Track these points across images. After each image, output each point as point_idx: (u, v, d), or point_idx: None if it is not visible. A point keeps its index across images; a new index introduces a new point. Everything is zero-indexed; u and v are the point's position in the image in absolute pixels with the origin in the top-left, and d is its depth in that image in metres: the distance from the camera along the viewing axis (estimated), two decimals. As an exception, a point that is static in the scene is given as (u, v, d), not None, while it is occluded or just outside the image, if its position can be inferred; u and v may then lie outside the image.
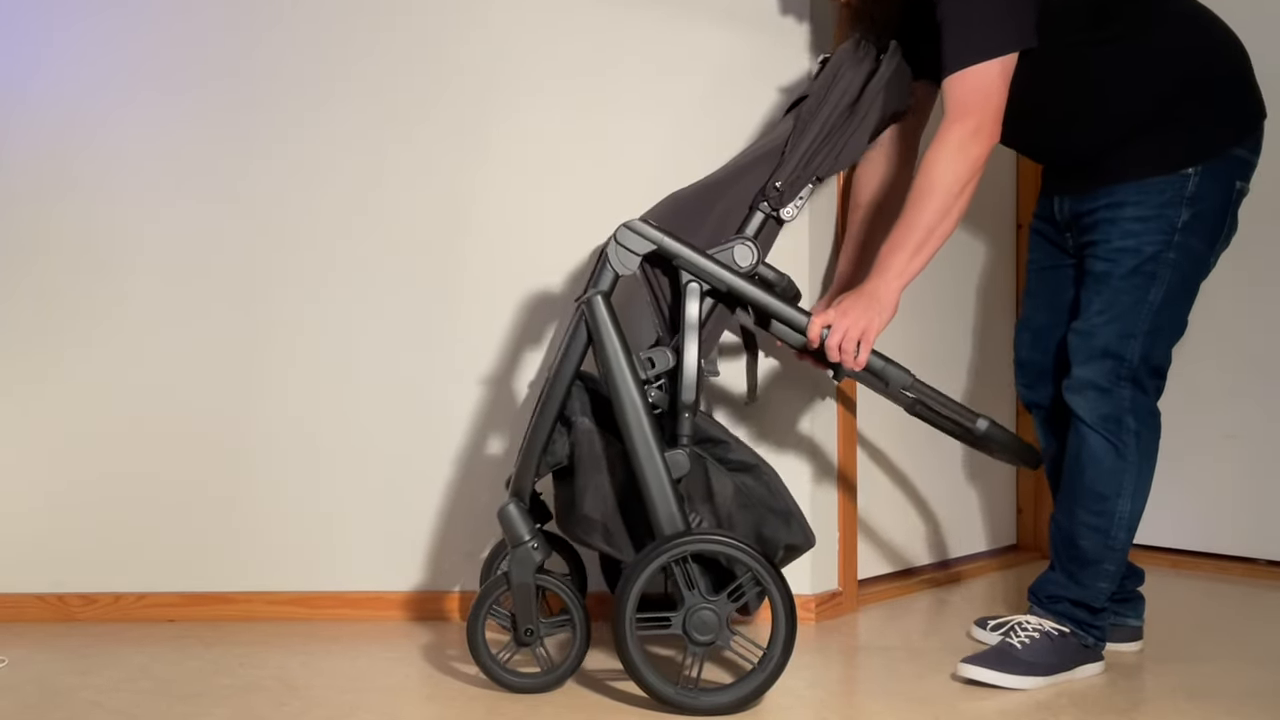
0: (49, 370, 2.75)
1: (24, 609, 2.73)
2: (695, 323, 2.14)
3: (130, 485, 2.74)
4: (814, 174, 2.19)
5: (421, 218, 2.73)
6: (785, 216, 2.21)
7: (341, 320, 2.74)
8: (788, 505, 2.26)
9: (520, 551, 2.17)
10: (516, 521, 2.18)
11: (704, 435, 2.25)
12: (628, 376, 2.11)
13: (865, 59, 2.22)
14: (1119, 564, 2.31)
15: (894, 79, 2.21)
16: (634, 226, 2.15)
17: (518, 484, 2.22)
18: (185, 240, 2.74)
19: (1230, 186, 2.25)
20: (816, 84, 2.24)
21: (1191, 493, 3.29)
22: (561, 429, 2.20)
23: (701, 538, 2.07)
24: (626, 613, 2.07)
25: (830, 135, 2.19)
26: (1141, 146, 2.23)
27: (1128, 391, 2.26)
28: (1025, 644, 2.28)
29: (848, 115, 2.19)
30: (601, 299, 2.13)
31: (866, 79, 2.20)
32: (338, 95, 2.74)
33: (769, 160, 2.22)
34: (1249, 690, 2.23)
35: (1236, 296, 3.23)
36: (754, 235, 2.20)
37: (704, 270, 2.15)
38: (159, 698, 2.21)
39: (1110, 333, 2.25)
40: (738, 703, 2.08)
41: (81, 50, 2.74)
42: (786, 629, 2.07)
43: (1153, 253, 2.22)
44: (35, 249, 2.74)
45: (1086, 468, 2.28)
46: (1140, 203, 2.23)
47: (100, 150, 2.74)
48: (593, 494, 2.16)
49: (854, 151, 2.22)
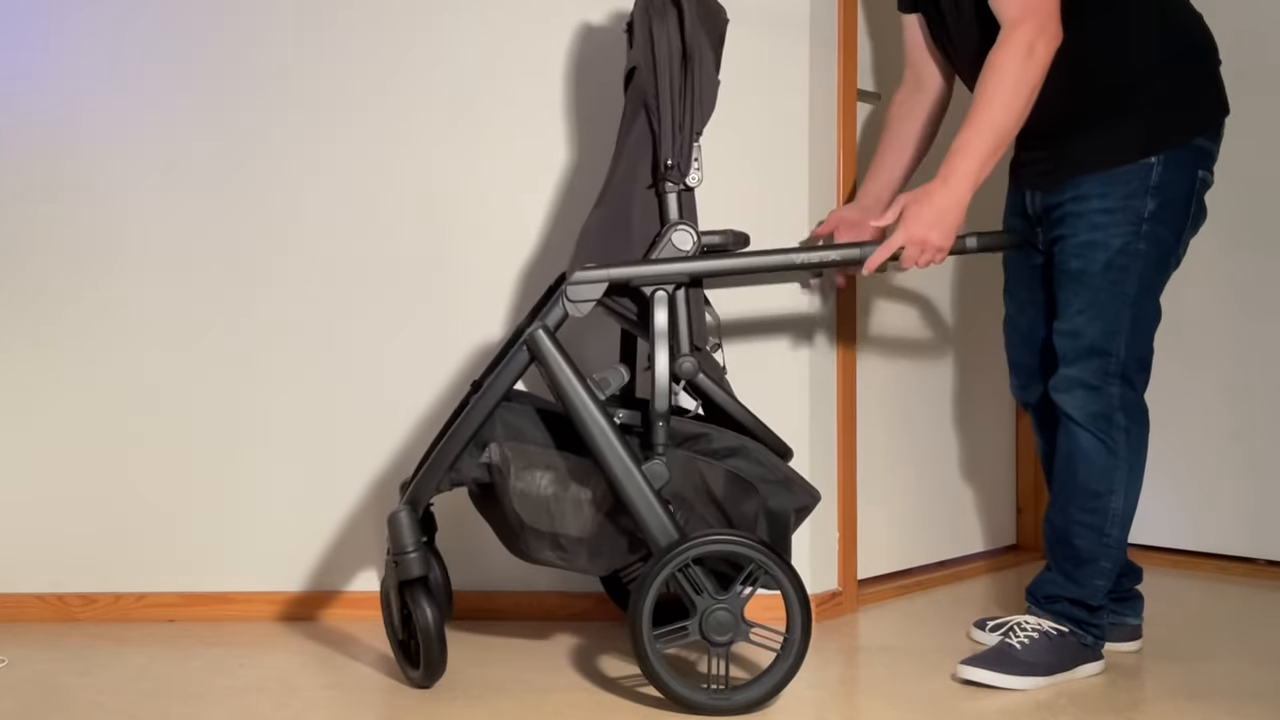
0: (48, 371, 2.74)
1: (24, 609, 2.73)
2: (664, 329, 2.14)
3: (129, 485, 2.74)
4: (694, 132, 2.15)
5: (417, 219, 2.74)
6: (692, 183, 2.18)
7: (340, 320, 2.74)
8: (784, 473, 2.25)
9: (403, 559, 2.15)
10: (405, 529, 2.16)
11: (683, 436, 2.24)
12: (588, 402, 2.11)
13: (664, 6, 2.16)
14: (1115, 561, 2.31)
15: (701, 9, 2.16)
16: (581, 278, 2.14)
17: (415, 493, 2.20)
18: (182, 240, 2.74)
19: (1193, 175, 2.26)
20: (638, 53, 2.20)
21: (1191, 493, 3.29)
22: (474, 450, 2.17)
23: (698, 541, 2.07)
24: (643, 631, 2.06)
25: (684, 91, 2.14)
26: (1103, 135, 2.25)
27: (1116, 388, 2.26)
28: (1025, 644, 2.28)
29: (685, 66, 2.14)
30: (545, 334, 2.13)
31: (679, 24, 2.14)
32: (334, 94, 2.74)
33: (645, 145, 2.19)
34: (1249, 690, 2.23)
35: (1237, 296, 3.23)
36: (679, 216, 2.18)
37: (663, 275, 2.14)
38: (159, 698, 2.21)
39: (1095, 330, 2.25)
40: (770, 692, 2.09)
41: (73, 49, 2.74)
42: (801, 610, 2.07)
43: (1122, 245, 2.23)
44: (30, 249, 2.74)
45: (1079, 466, 2.29)
46: (1105, 194, 2.24)
47: (91, 150, 2.74)
48: (533, 508, 2.13)
49: (712, 94, 2.17)
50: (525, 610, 2.74)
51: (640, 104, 2.19)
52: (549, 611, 2.74)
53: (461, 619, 2.71)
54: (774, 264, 2.23)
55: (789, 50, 2.67)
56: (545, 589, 2.74)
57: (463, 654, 2.46)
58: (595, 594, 2.73)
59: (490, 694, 2.22)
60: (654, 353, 2.13)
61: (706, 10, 2.19)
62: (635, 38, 2.21)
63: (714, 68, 2.20)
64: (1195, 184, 2.27)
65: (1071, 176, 2.28)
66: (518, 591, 2.74)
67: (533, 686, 2.26)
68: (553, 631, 2.63)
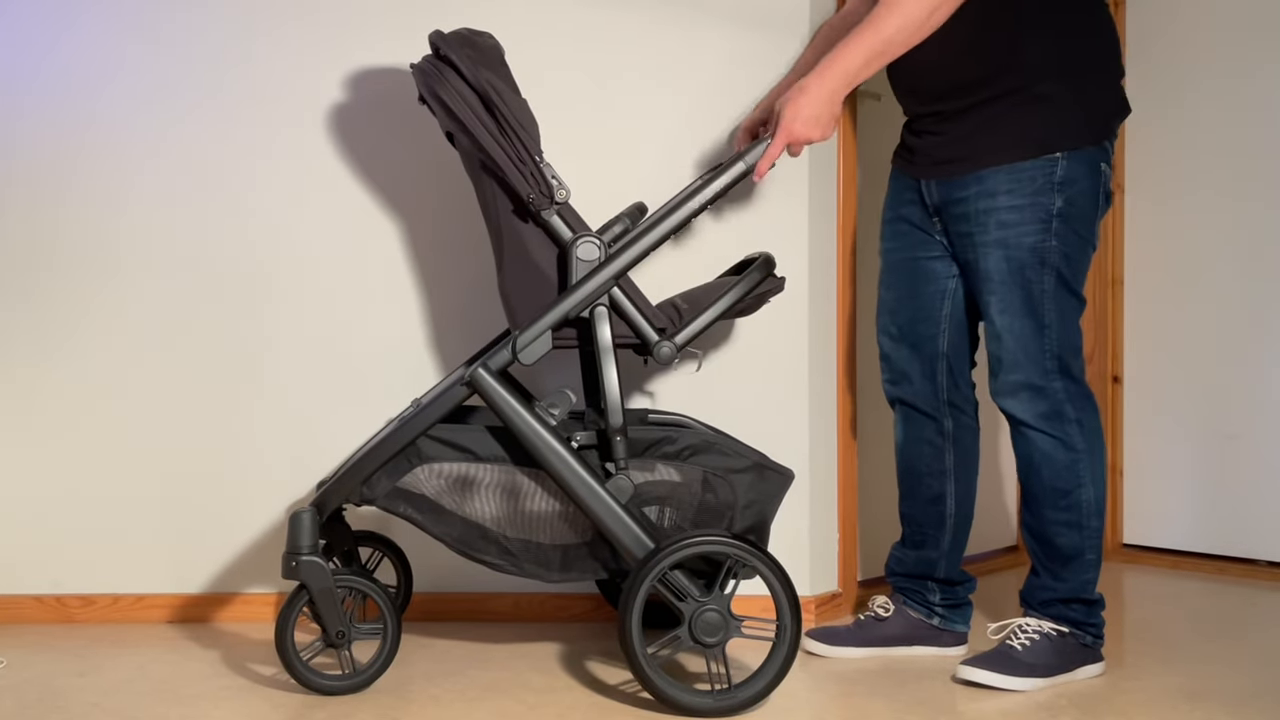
0: (48, 372, 2.74)
1: (23, 610, 2.73)
2: (608, 345, 2.15)
3: (129, 487, 2.74)
4: (532, 156, 2.13)
5: (420, 221, 2.73)
6: (561, 199, 2.16)
7: (341, 323, 2.74)
8: (753, 459, 2.23)
9: (304, 560, 2.15)
10: (304, 530, 2.16)
11: (643, 445, 2.22)
12: (540, 430, 2.12)
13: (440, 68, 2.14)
14: (1098, 551, 2.32)
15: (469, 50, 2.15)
16: (527, 341, 2.14)
17: (324, 497, 2.21)
18: (185, 244, 2.74)
19: (1097, 170, 2.26)
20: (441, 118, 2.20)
21: (1191, 493, 3.29)
22: (392, 470, 2.18)
23: (673, 547, 2.07)
24: (635, 645, 2.06)
25: (501, 129, 2.12)
26: (1007, 126, 2.23)
27: (1059, 383, 2.26)
28: (1026, 646, 2.28)
29: (487, 108, 2.12)
30: (486, 372, 2.14)
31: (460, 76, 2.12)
32: (337, 99, 2.73)
33: (500, 191, 2.19)
34: (1249, 690, 2.23)
35: (1236, 296, 3.23)
36: (573, 232, 2.17)
37: (590, 293, 2.14)
38: (157, 699, 2.21)
39: (1022, 330, 2.25)
40: (773, 682, 2.09)
41: (79, 54, 2.74)
42: (787, 596, 2.08)
43: (1033, 243, 2.23)
44: (32, 251, 2.74)
45: (1041, 468, 2.29)
46: (1012, 191, 2.23)
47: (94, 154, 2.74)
48: (462, 526, 2.18)
49: (525, 113, 2.16)
50: (525, 612, 2.74)
51: (476, 161, 2.20)
52: (548, 613, 2.74)
53: (461, 620, 2.71)
54: (681, 219, 2.18)
55: (788, 49, 2.67)
56: (544, 590, 2.74)
57: (462, 655, 2.46)
58: (594, 596, 2.73)
59: (490, 695, 2.21)
60: (602, 369, 2.13)
61: (475, 48, 2.19)
62: (433, 107, 2.21)
63: (513, 90, 2.21)
64: (1100, 178, 2.26)
65: (975, 170, 2.26)
66: (517, 593, 2.74)
67: (532, 688, 2.25)
68: (552, 634, 2.63)
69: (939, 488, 2.47)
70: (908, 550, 2.52)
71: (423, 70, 2.17)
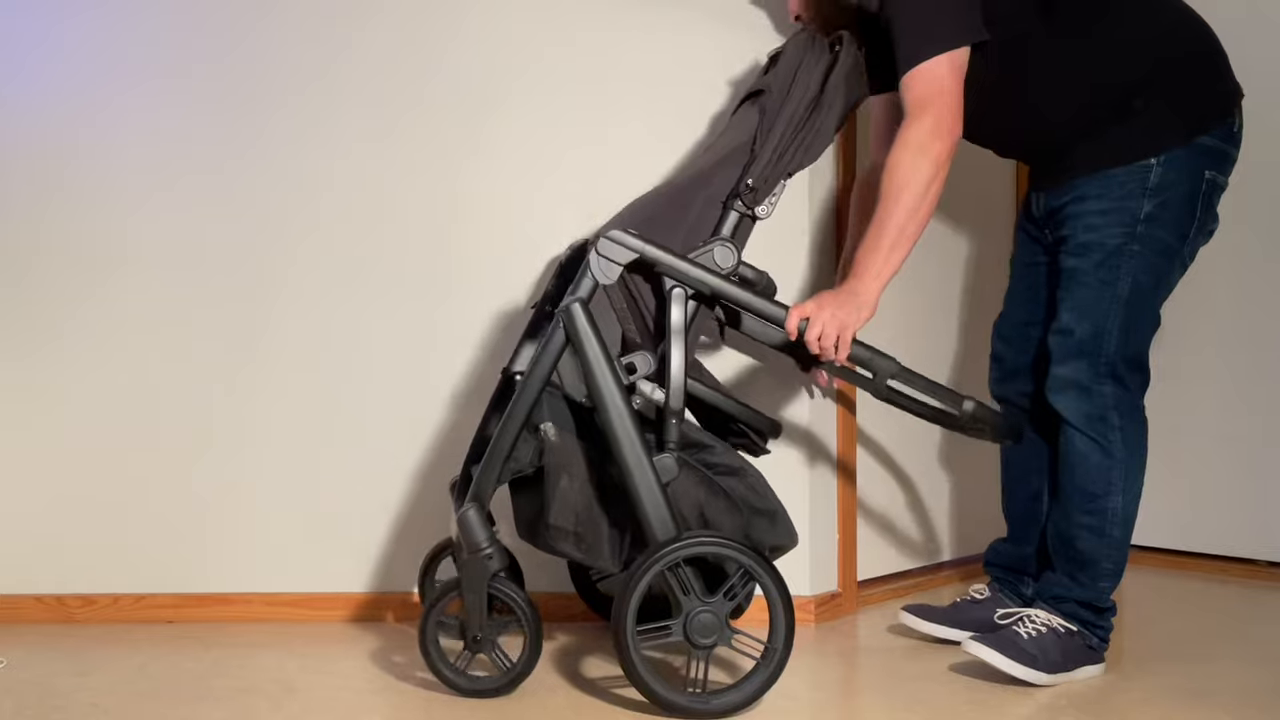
0: (48, 373, 2.74)
1: (23, 610, 2.73)
2: (681, 327, 2.13)
3: (128, 487, 2.74)
4: (785, 170, 2.17)
5: (419, 222, 2.73)
6: (760, 215, 2.19)
7: (339, 322, 2.74)
8: (772, 506, 2.24)
9: (476, 559, 2.14)
10: (476, 528, 2.14)
11: (689, 440, 2.23)
12: (611, 383, 2.10)
13: (821, 52, 2.19)
14: (1118, 562, 2.31)
15: (853, 70, 2.20)
16: (616, 237, 2.13)
17: (478, 489, 2.18)
18: (182, 243, 2.74)
19: (1199, 176, 2.25)
20: (774, 79, 2.21)
21: (1191, 493, 3.29)
22: (528, 436, 2.17)
23: (694, 540, 2.06)
24: (627, 626, 2.05)
25: (798, 131, 2.16)
26: (1102, 139, 2.25)
27: (1109, 388, 2.26)
28: (1032, 636, 2.28)
29: (813, 109, 2.16)
30: (580, 306, 2.12)
31: (826, 72, 2.17)
32: (335, 99, 2.73)
33: (737, 159, 2.20)
34: (1249, 690, 2.23)
35: (1236, 296, 3.23)
36: (731, 235, 2.18)
37: (687, 275, 2.13)
38: (157, 699, 2.21)
39: (1084, 329, 2.26)
40: (748, 699, 2.08)
41: (77, 53, 2.74)
42: (786, 621, 2.07)
43: (1115, 246, 2.24)
44: (33, 252, 2.74)
45: (1075, 468, 2.29)
46: (1101, 195, 2.25)
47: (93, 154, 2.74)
48: (560, 503, 2.13)
49: (822, 145, 2.20)
50: (524, 611, 2.74)
51: (754, 120, 2.20)
52: (547, 613, 2.72)
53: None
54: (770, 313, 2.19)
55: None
56: (544, 591, 2.73)
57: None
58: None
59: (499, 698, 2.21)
60: (669, 349, 2.12)
61: (857, 77, 2.21)
62: (779, 65, 2.22)
63: (834, 126, 2.21)
64: (1201, 185, 2.25)
65: (1072, 179, 2.29)
66: (517, 592, 2.73)
67: (531, 688, 2.25)
68: (551, 633, 2.62)
69: (1037, 485, 2.48)
70: (1006, 544, 2.55)
71: (812, 38, 2.20)
